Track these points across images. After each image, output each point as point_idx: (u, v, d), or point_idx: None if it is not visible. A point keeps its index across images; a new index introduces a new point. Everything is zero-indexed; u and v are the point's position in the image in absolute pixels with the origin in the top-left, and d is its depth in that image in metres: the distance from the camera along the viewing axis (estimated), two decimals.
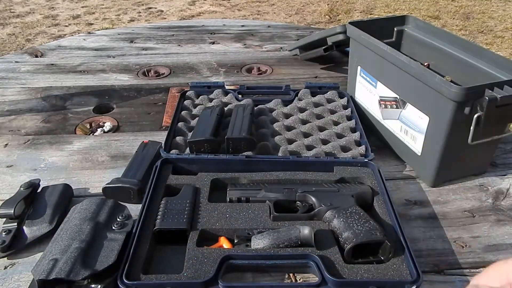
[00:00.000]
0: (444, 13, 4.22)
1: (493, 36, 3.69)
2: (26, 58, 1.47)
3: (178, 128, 0.96)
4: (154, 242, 0.71)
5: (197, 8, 4.53)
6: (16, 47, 3.44)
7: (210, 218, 0.74)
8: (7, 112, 1.15)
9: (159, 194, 0.78)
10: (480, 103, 0.74)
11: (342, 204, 0.74)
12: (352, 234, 0.67)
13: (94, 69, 1.40)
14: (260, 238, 0.69)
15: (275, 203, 0.77)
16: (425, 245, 0.75)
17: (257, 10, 4.45)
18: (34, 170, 0.92)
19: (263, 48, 1.57)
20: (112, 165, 0.94)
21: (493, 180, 0.91)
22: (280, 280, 0.68)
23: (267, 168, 0.85)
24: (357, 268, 0.65)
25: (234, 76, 1.35)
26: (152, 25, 1.82)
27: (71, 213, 0.73)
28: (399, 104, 0.91)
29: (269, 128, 0.98)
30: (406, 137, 0.91)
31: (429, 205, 0.84)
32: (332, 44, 1.26)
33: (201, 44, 1.60)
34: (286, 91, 1.12)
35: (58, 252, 0.63)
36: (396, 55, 0.87)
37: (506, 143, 1.02)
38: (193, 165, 0.86)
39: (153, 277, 0.63)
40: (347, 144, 0.93)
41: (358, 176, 0.84)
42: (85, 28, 3.90)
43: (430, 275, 0.69)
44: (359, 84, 1.06)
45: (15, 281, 0.67)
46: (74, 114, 1.14)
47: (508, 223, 0.80)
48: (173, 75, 1.36)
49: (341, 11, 4.31)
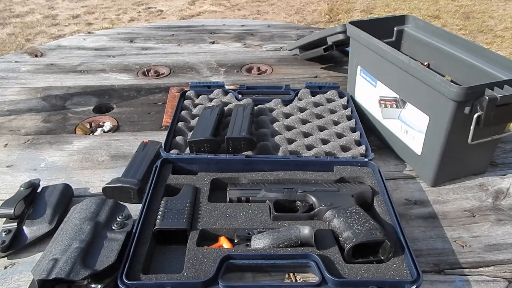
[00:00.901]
0: (444, 13, 4.22)
1: (493, 36, 3.68)
2: (26, 58, 1.47)
3: (178, 128, 0.96)
4: (154, 242, 0.71)
5: (197, 7, 4.52)
6: (16, 47, 3.44)
7: (210, 218, 0.74)
8: (7, 112, 1.15)
9: (159, 194, 0.78)
10: (480, 103, 0.74)
11: (342, 204, 0.74)
12: (352, 234, 0.67)
13: (94, 69, 1.40)
14: (260, 238, 0.69)
15: (275, 203, 0.77)
16: (425, 244, 0.75)
17: (257, 9, 4.45)
18: (34, 170, 0.92)
19: (263, 47, 1.57)
20: (112, 165, 0.94)
21: (493, 180, 0.91)
22: (280, 280, 0.68)
23: (267, 168, 0.85)
24: (357, 267, 0.65)
25: (234, 76, 1.35)
26: (152, 24, 1.82)
27: (71, 213, 0.73)
28: (399, 104, 0.91)
29: (269, 128, 0.98)
30: (406, 137, 0.91)
31: (429, 204, 0.84)
32: (332, 44, 1.26)
33: (201, 44, 1.60)
34: (286, 91, 1.12)
35: (58, 252, 0.63)
36: (396, 54, 0.87)
37: (506, 143, 1.02)
38: (193, 165, 0.86)
39: (153, 277, 0.63)
40: (347, 143, 0.93)
41: (358, 175, 0.84)
42: (85, 28, 3.90)
43: (430, 275, 0.69)
44: (359, 83, 1.06)
45: (15, 281, 0.67)
46: (74, 114, 1.14)
47: (508, 223, 0.80)
48: (173, 75, 1.36)
49: (341, 11, 4.31)
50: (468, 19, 4.04)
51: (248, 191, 0.79)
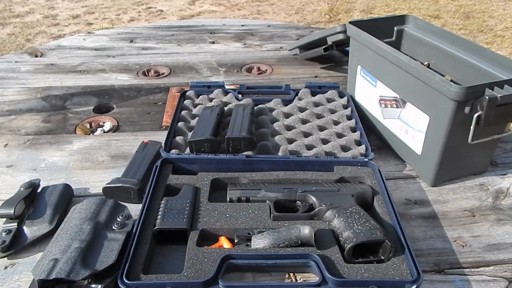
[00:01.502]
0: (444, 12, 4.21)
1: (493, 35, 3.68)
2: (26, 58, 1.47)
3: (178, 128, 0.96)
4: (154, 242, 0.71)
5: (197, 7, 4.52)
6: (16, 47, 3.44)
7: (210, 218, 0.74)
8: (7, 112, 1.15)
9: (159, 194, 0.78)
10: (480, 103, 0.74)
11: (342, 204, 0.74)
12: (352, 234, 0.67)
13: (94, 69, 1.40)
14: (260, 237, 0.69)
15: (275, 203, 0.77)
16: (425, 244, 0.75)
17: (257, 9, 4.45)
18: (34, 170, 0.92)
19: (263, 47, 1.57)
20: (112, 165, 0.94)
21: (493, 180, 0.91)
22: (280, 279, 0.68)
23: (267, 167, 0.85)
24: (357, 267, 0.65)
25: (234, 76, 1.35)
26: (152, 24, 1.82)
27: (71, 213, 0.73)
28: (399, 104, 0.91)
29: (269, 128, 0.98)
30: (406, 137, 0.91)
31: (429, 204, 0.84)
32: (332, 44, 1.26)
33: (201, 44, 1.60)
34: (286, 91, 1.12)
35: (58, 252, 0.63)
36: (396, 54, 0.87)
37: (506, 143, 1.02)
38: (193, 165, 0.86)
39: (153, 277, 0.63)
40: (347, 143, 0.93)
41: (358, 175, 0.84)
42: (85, 28, 3.90)
43: (430, 275, 0.69)
44: (359, 83, 1.06)
45: (15, 281, 0.67)
46: (74, 114, 1.14)
47: (508, 223, 0.80)
48: (173, 75, 1.36)
49: (341, 11, 4.31)
50: (468, 19, 4.04)
51: (248, 191, 0.79)
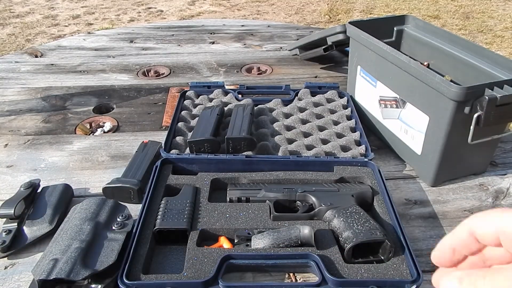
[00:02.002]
0: (444, 13, 4.22)
1: (493, 36, 3.69)
2: (26, 58, 1.47)
3: (178, 128, 0.96)
4: (154, 242, 0.71)
5: (197, 8, 4.53)
6: (16, 47, 3.44)
7: (210, 218, 0.74)
8: (7, 112, 1.15)
9: (159, 194, 0.78)
10: (480, 103, 0.74)
11: (342, 204, 0.74)
12: (352, 234, 0.67)
13: (94, 69, 1.40)
14: (260, 238, 0.69)
15: (275, 203, 0.77)
16: (425, 244, 0.75)
17: (257, 10, 4.45)
18: (34, 170, 0.92)
19: (263, 48, 1.57)
20: (112, 165, 0.94)
21: (493, 180, 0.91)
22: (280, 280, 0.68)
23: (267, 168, 0.85)
24: (357, 267, 0.65)
25: (234, 76, 1.35)
26: (152, 25, 1.82)
27: (71, 213, 0.73)
28: (399, 104, 0.91)
29: (269, 128, 0.98)
30: (406, 137, 0.91)
31: (429, 204, 0.84)
32: (332, 44, 1.26)
33: (201, 44, 1.60)
34: (286, 91, 1.12)
35: (58, 252, 0.63)
36: (396, 54, 0.87)
37: (506, 143, 1.02)
38: (193, 165, 0.86)
39: (153, 277, 0.63)
40: (347, 143, 0.93)
41: (358, 175, 0.84)
42: (85, 28, 3.90)
43: (430, 275, 0.69)
44: (359, 83, 1.06)
45: (15, 281, 0.67)
46: (74, 114, 1.14)
47: None
48: (173, 75, 1.36)
49: (340, 11, 4.31)
50: (467, 19, 4.04)
51: (248, 191, 0.79)
